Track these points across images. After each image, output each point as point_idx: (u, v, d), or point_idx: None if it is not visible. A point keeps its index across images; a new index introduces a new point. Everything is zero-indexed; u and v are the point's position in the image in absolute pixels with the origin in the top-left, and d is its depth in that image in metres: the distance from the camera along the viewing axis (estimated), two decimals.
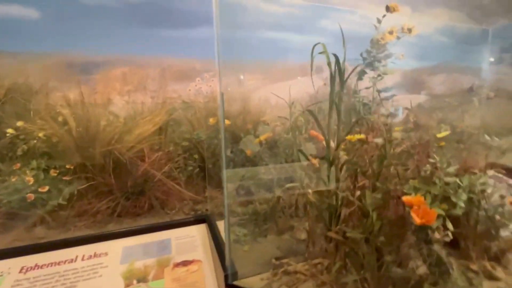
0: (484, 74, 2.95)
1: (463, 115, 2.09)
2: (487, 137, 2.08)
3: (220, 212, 1.55)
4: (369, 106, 1.78)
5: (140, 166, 1.65)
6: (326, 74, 2.00)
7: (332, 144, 1.39)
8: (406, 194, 0.93)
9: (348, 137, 1.11)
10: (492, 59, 2.78)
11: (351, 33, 2.04)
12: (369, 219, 0.90)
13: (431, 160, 1.06)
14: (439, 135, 1.33)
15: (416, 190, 0.95)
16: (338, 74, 1.09)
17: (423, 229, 0.81)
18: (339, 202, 1.08)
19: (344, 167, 1.14)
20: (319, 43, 1.08)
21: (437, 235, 0.80)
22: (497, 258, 1.12)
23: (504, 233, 1.15)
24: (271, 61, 2.00)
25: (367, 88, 1.96)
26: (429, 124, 1.97)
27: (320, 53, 1.12)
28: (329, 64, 1.09)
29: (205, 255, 1.15)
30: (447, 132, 1.36)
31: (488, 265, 1.08)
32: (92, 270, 1.02)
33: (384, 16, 1.67)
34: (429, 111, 2.09)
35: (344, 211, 1.07)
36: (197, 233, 1.27)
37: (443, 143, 1.33)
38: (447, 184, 1.00)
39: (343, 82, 1.08)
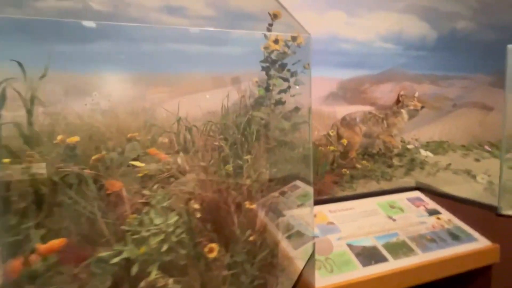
0: (444, 82, 2.71)
1: (390, 128, 1.89)
2: (423, 152, 1.86)
3: None
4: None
5: None
6: (245, 85, 1.87)
7: (179, 161, 1.26)
8: None
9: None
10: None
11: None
12: None
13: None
14: None
15: None
16: None
17: None
18: None
19: None
20: None
21: None
22: None
23: None
24: (179, 73, 1.89)
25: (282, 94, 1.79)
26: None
27: None
28: None
29: None
30: None
31: None
32: None
33: (271, 24, 1.52)
34: (354, 123, 1.90)
35: None
36: None
37: None
38: None
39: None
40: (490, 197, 1.40)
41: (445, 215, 1.45)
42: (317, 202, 1.45)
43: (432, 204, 1.54)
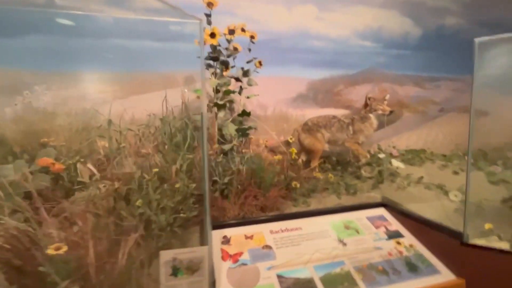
0: (430, 84, 2.48)
1: (356, 135, 1.68)
2: (394, 163, 1.65)
3: None
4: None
5: None
6: (200, 84, 1.68)
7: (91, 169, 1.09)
8: None
9: None
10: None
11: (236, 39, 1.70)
12: None
13: None
14: None
15: None
16: None
17: None
18: None
19: None
20: None
21: None
22: None
23: None
24: (126, 71, 1.71)
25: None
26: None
27: None
28: None
29: None
30: None
31: None
32: None
33: (209, 15, 1.32)
34: (316, 129, 1.70)
35: None
36: None
37: None
38: None
39: None
40: (460, 219, 1.19)
41: (408, 238, 1.25)
42: (257, 221, 1.25)
43: (395, 225, 1.33)
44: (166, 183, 1.07)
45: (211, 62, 1.44)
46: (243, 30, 1.37)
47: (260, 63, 1.53)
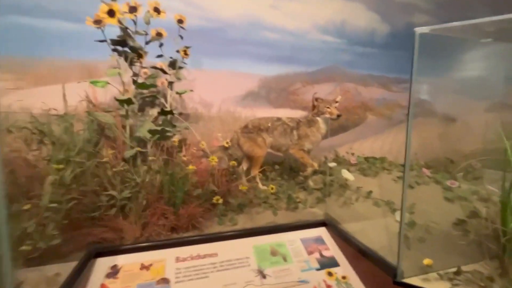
0: (397, 86, 2.32)
1: (302, 141, 1.48)
2: (344, 174, 1.46)
3: None
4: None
5: None
6: (127, 77, 1.43)
7: None
8: None
9: None
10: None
11: (163, 23, 1.45)
12: None
13: None
14: None
15: None
16: None
17: None
18: None
19: None
20: None
21: None
22: None
23: None
24: (31, 57, 1.45)
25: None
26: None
27: None
28: None
29: None
30: None
31: None
32: None
33: None
34: (256, 133, 1.48)
35: None
36: None
37: None
38: None
39: None
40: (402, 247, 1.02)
41: (343, 268, 1.06)
42: (162, 245, 1.03)
43: (332, 249, 1.14)
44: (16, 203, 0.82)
45: (124, 49, 1.19)
46: (156, 10, 1.13)
47: (185, 52, 1.29)
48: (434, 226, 1.11)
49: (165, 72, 1.33)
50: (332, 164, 1.51)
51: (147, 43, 1.23)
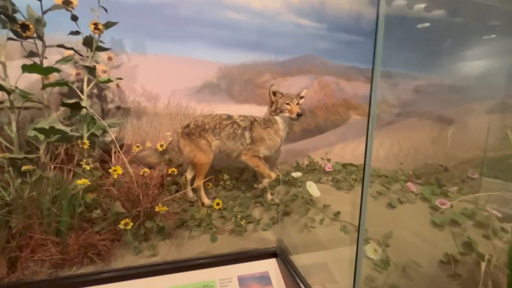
0: (386, 81, 2.02)
1: (255, 145, 1.19)
2: (309, 186, 1.17)
3: None
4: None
5: None
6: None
7: None
8: None
9: None
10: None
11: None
12: None
13: None
14: None
15: None
16: None
17: None
18: None
19: None
20: None
21: None
22: None
23: None
24: None
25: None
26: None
27: None
28: None
29: None
30: None
31: None
32: None
33: None
34: (199, 134, 1.19)
35: None
36: None
37: None
38: None
39: None
40: None
41: None
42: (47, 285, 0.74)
43: None
44: None
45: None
46: None
47: (96, 26, 0.98)
48: (414, 267, 0.82)
49: (79, 54, 1.03)
50: (296, 174, 1.22)
51: (44, 12, 0.93)
